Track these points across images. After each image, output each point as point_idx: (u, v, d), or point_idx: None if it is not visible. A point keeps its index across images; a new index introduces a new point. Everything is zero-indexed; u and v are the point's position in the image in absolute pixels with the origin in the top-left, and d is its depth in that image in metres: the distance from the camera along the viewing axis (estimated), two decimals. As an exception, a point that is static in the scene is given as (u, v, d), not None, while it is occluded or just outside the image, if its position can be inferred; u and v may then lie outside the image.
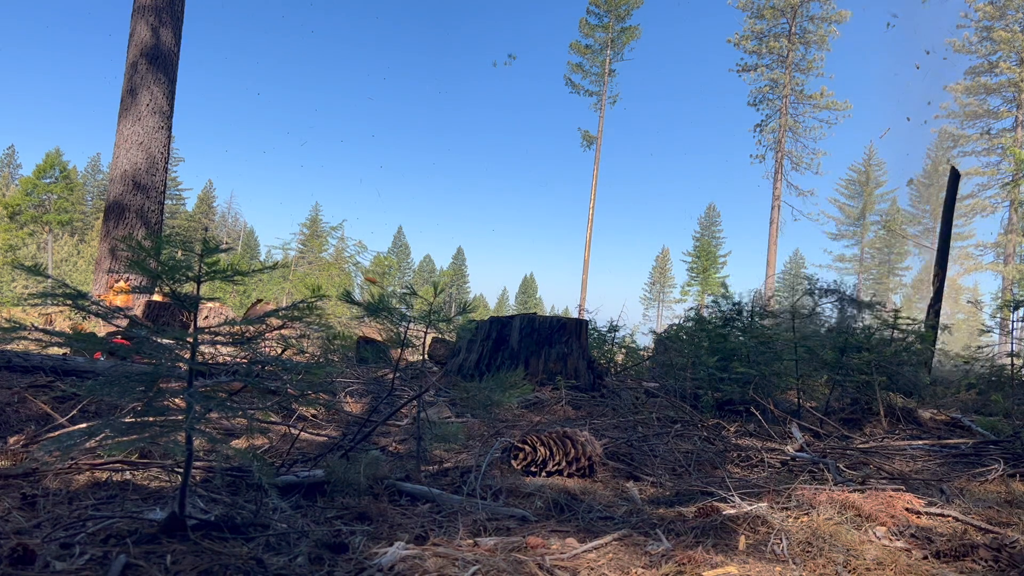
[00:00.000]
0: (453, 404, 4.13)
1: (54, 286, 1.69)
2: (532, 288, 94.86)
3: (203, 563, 1.52)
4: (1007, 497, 2.63)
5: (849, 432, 4.28)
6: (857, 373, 4.68)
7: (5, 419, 2.81)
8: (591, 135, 37.89)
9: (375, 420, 3.03)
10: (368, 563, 1.62)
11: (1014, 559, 1.83)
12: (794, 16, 36.37)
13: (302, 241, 56.09)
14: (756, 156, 37.13)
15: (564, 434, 2.89)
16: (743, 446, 3.64)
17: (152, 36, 9.97)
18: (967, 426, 4.62)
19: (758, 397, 4.41)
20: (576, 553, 1.78)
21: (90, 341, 1.79)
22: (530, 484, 2.54)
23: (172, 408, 1.71)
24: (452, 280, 78.97)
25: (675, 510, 2.32)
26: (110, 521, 1.72)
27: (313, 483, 2.27)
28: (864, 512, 2.16)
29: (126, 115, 9.82)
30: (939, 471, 3.22)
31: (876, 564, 1.76)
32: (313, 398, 2.23)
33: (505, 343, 5.30)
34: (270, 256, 61.76)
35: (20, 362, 3.56)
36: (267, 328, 1.87)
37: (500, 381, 2.94)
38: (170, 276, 1.71)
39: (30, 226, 41.93)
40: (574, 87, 38.80)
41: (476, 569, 1.58)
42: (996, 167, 36.49)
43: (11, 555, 1.43)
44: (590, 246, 36.87)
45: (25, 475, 2.11)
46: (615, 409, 4.48)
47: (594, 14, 38.05)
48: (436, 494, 2.33)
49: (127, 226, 9.57)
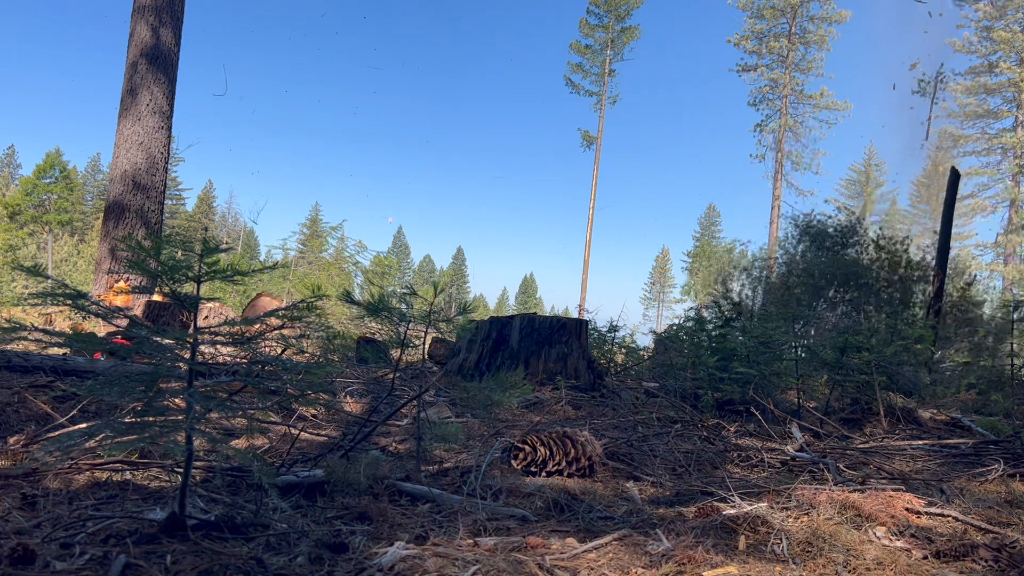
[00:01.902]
0: (453, 404, 4.13)
1: (54, 286, 1.69)
2: (532, 288, 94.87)
3: (203, 563, 1.52)
4: (1007, 497, 2.63)
5: (849, 432, 4.28)
6: (857, 373, 4.68)
7: (5, 419, 2.81)
8: (591, 135, 37.90)
9: (375, 420, 3.03)
10: (368, 563, 1.62)
11: (1014, 559, 1.82)
12: (794, 16, 36.39)
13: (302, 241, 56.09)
14: (756, 156, 37.17)
15: (564, 434, 2.89)
16: (743, 446, 3.64)
17: (152, 36, 9.97)
18: (967, 426, 4.62)
19: (758, 397, 4.41)
20: (576, 553, 1.78)
21: (90, 341, 1.79)
22: (530, 484, 2.54)
23: (172, 408, 1.71)
24: (452, 280, 78.92)
25: (675, 510, 2.32)
26: (110, 521, 1.72)
27: (313, 483, 2.27)
28: (864, 512, 2.16)
29: (126, 115, 9.82)
30: (939, 471, 3.22)
31: (876, 564, 1.76)
32: (313, 398, 2.23)
33: (505, 343, 5.30)
34: (270, 256, 61.81)
35: (20, 362, 3.56)
36: (267, 328, 1.87)
37: (500, 381, 2.94)
38: (170, 276, 1.71)
39: (30, 226, 41.93)
40: (574, 87, 38.82)
41: (476, 569, 1.58)
42: (996, 167, 36.49)
43: (11, 555, 1.43)
44: (590, 246, 36.89)
45: (25, 475, 2.11)
46: (615, 409, 4.48)
47: (594, 14, 38.07)
48: (436, 494, 2.33)
49: (127, 226, 9.57)
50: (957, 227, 36.01)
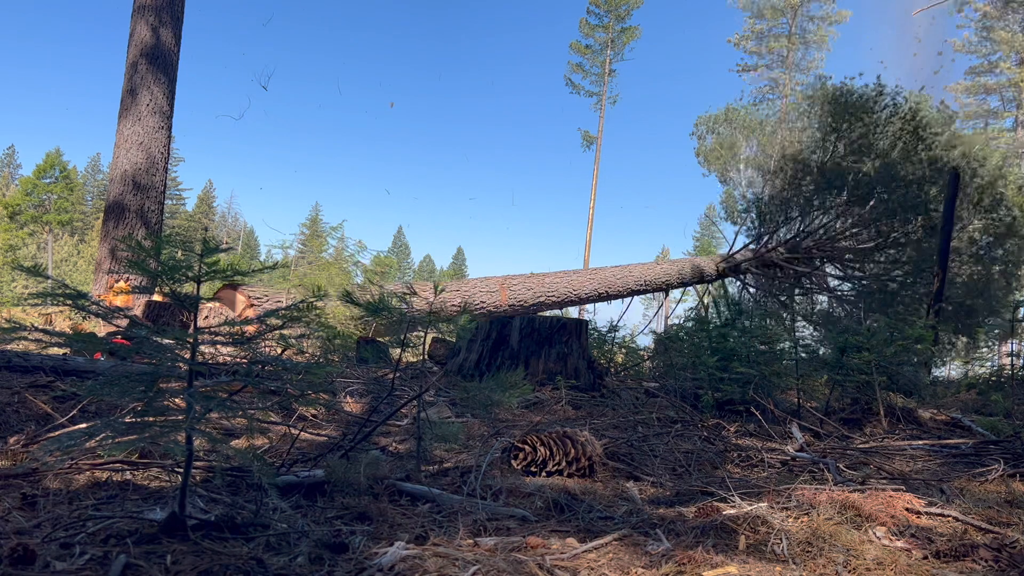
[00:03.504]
0: (453, 404, 4.13)
1: (54, 286, 1.69)
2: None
3: (203, 563, 1.52)
4: (1007, 497, 2.63)
5: (849, 432, 4.28)
6: (857, 373, 4.68)
7: (5, 419, 2.81)
8: (591, 135, 37.90)
9: (375, 420, 3.03)
10: (368, 563, 1.62)
11: (1014, 559, 1.82)
12: (794, 16, 36.38)
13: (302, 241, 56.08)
14: (756, 156, 37.12)
15: (564, 434, 2.89)
16: (743, 446, 3.64)
17: (152, 36, 9.97)
18: (967, 426, 4.62)
19: (758, 397, 4.41)
20: (576, 553, 1.78)
21: (90, 341, 1.79)
22: (530, 484, 2.54)
23: (172, 408, 1.71)
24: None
25: (675, 510, 2.32)
26: (110, 521, 1.72)
27: (313, 483, 2.27)
28: (864, 512, 2.16)
29: (126, 115, 9.82)
30: (939, 471, 3.22)
31: (876, 564, 1.76)
32: (313, 398, 2.23)
33: (505, 343, 5.30)
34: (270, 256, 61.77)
35: (20, 362, 3.56)
36: (267, 328, 1.87)
37: (500, 381, 2.93)
38: (170, 276, 1.71)
39: (30, 226, 41.93)
40: (574, 87, 38.80)
41: (476, 569, 1.58)
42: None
43: (11, 555, 1.43)
44: (590, 246, 36.86)
45: (25, 475, 2.11)
46: (615, 409, 4.48)
47: (594, 14, 38.05)
48: (436, 494, 2.33)
49: (127, 226, 9.58)
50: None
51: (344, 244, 46.17)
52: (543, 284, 12.09)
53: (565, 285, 12.41)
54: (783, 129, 13.51)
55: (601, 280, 13.13)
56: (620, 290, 13.34)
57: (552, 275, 12.42)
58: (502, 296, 11.15)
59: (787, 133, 12.65)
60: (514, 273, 12.06)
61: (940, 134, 10.52)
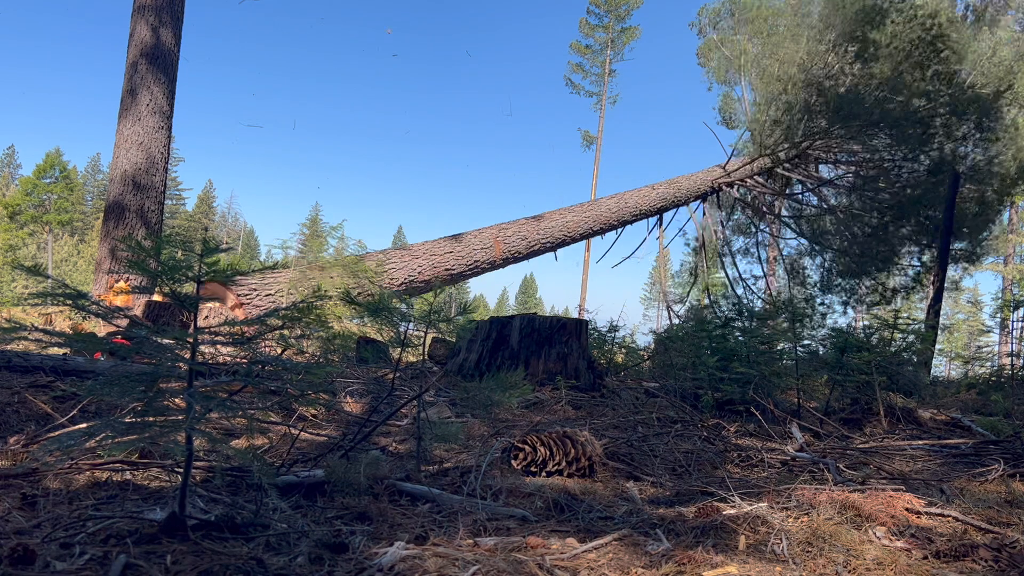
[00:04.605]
0: (453, 404, 4.13)
1: (54, 286, 1.69)
2: (532, 288, 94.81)
3: (203, 563, 1.52)
4: (1007, 497, 2.63)
5: (849, 432, 4.28)
6: (857, 373, 4.68)
7: (5, 419, 2.81)
8: (591, 135, 37.88)
9: (375, 420, 3.03)
10: (368, 563, 1.62)
11: (1014, 559, 1.82)
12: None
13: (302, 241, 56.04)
14: (756, 156, 37.10)
15: (564, 434, 2.89)
16: (743, 446, 3.64)
17: (152, 36, 9.97)
18: (967, 426, 4.62)
19: (758, 397, 4.41)
20: (576, 553, 1.78)
21: (90, 341, 1.79)
22: (530, 484, 2.54)
23: (172, 408, 1.71)
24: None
25: (675, 510, 2.32)
26: (110, 521, 1.72)
27: (313, 483, 2.27)
28: (864, 512, 2.16)
29: (126, 115, 9.81)
30: (939, 471, 3.22)
31: (876, 564, 1.76)
32: (313, 398, 2.23)
33: (505, 343, 5.30)
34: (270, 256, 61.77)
35: (20, 362, 3.56)
36: (267, 328, 1.87)
37: (500, 381, 2.93)
38: (170, 276, 1.71)
39: (30, 226, 41.91)
40: (574, 87, 38.78)
41: (476, 569, 1.58)
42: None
43: (11, 555, 1.43)
44: (590, 245, 36.84)
45: (25, 475, 2.11)
46: (615, 409, 4.48)
47: (594, 14, 38.03)
48: (436, 494, 2.33)
49: (127, 226, 9.57)
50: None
51: (344, 244, 46.12)
52: (538, 231, 11.75)
53: (560, 227, 12.06)
54: (789, 34, 12.11)
55: (596, 216, 12.73)
56: (615, 222, 13.04)
57: (547, 217, 12.04)
58: (496, 250, 10.99)
59: (792, 46, 11.40)
60: (507, 221, 11.71)
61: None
